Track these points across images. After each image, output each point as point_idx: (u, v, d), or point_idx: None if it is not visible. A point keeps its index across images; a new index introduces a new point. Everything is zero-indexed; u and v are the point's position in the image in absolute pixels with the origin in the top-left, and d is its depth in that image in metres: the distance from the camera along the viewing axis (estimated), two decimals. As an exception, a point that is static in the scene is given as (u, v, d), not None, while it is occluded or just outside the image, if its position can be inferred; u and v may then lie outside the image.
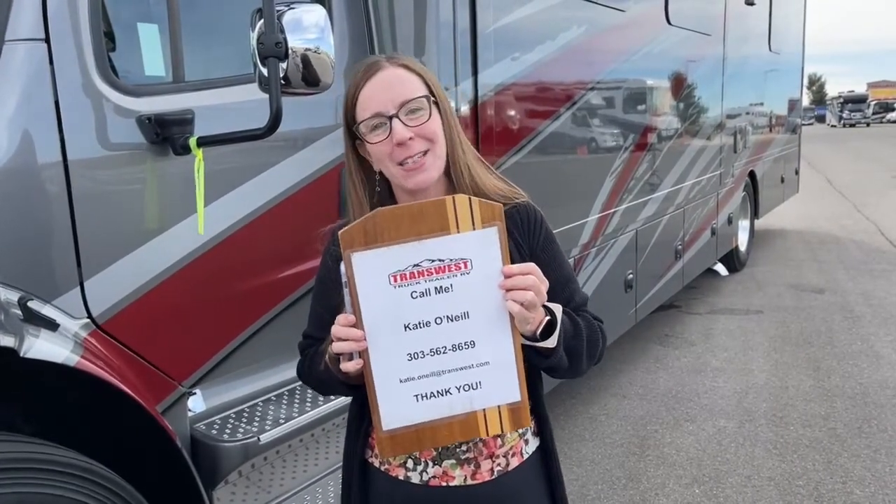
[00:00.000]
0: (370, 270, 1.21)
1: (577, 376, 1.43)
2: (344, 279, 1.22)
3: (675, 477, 3.57)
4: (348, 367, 1.24)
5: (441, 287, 1.22)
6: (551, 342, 1.27)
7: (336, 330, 1.23)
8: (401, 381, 1.24)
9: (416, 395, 1.25)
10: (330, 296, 1.35)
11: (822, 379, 4.77)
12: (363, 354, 1.23)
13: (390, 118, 1.31)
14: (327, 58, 1.87)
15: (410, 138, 1.31)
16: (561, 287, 1.38)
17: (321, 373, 1.40)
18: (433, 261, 1.21)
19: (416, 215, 1.21)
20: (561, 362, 1.32)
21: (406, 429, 1.26)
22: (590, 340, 1.38)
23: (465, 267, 1.22)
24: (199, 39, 2.17)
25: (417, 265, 1.21)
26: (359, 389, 1.34)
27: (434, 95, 1.36)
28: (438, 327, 1.23)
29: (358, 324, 1.22)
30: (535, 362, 1.32)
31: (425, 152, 1.33)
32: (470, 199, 1.22)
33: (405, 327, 1.23)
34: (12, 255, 1.70)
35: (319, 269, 1.47)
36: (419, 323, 1.23)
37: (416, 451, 1.36)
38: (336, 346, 1.24)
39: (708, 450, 3.84)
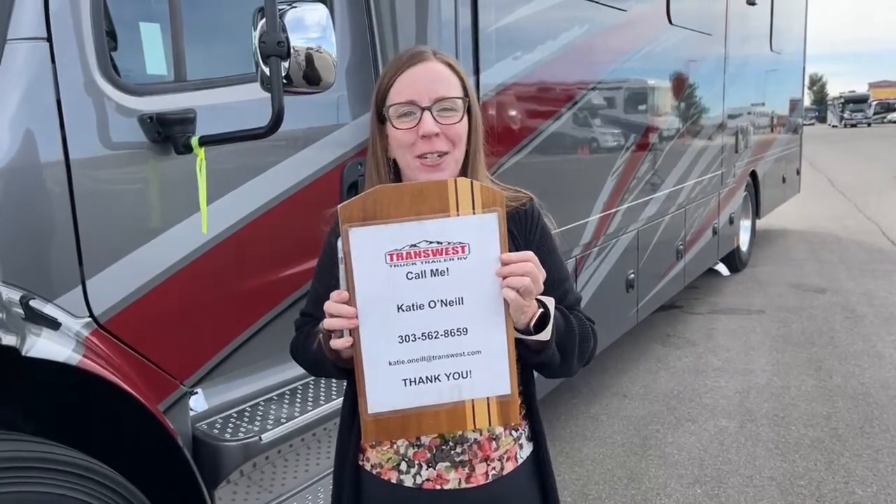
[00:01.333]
0: (367, 247, 1.19)
1: (568, 375, 1.41)
2: (340, 254, 1.21)
3: (677, 477, 3.57)
4: (337, 343, 1.23)
5: (437, 270, 1.21)
6: (544, 335, 1.27)
7: (328, 305, 1.22)
8: (390, 364, 1.22)
9: (405, 380, 1.23)
10: (330, 275, 1.35)
11: (824, 379, 4.77)
12: (354, 333, 1.21)
13: (422, 109, 1.32)
14: (329, 57, 1.87)
15: (436, 134, 1.32)
16: (555, 285, 1.37)
17: (314, 352, 1.38)
18: (431, 242, 1.20)
19: (417, 194, 1.21)
20: (553, 358, 1.31)
21: (392, 414, 1.24)
22: (582, 338, 1.37)
23: (463, 251, 1.21)
24: (201, 38, 2.16)
25: (415, 245, 1.20)
26: (349, 374, 1.33)
27: (468, 101, 1.37)
28: (432, 311, 1.22)
29: (351, 301, 1.20)
30: (527, 358, 1.31)
31: (445, 153, 1.34)
32: (472, 182, 1.22)
33: (398, 308, 1.21)
34: (14, 254, 1.70)
35: (323, 248, 1.47)
36: (413, 305, 1.21)
37: (400, 437, 1.35)
38: (327, 322, 1.23)
39: (710, 450, 3.84)
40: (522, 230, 1.41)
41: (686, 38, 5.31)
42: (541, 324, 1.27)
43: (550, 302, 1.29)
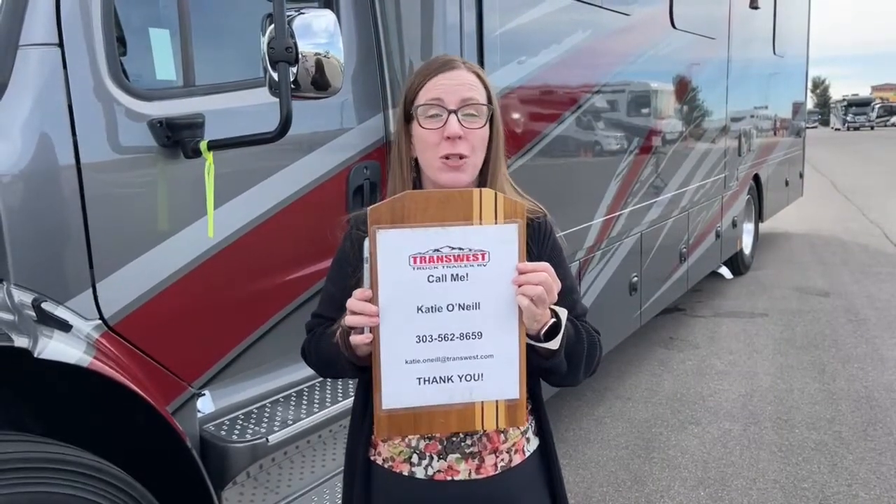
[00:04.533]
0: (393, 249, 1.24)
1: (573, 384, 1.46)
2: (366, 254, 1.25)
3: (681, 479, 3.57)
4: (357, 339, 1.27)
5: (457, 275, 1.25)
6: (554, 344, 1.31)
7: (351, 303, 1.26)
8: (406, 362, 1.27)
9: (419, 379, 1.27)
10: (345, 278, 1.39)
11: (828, 382, 4.77)
12: (374, 330, 1.25)
13: (449, 112, 1.38)
14: (337, 62, 1.89)
15: (460, 137, 1.37)
16: (563, 296, 1.40)
17: (328, 350, 1.41)
18: (453, 248, 1.25)
19: (443, 202, 1.25)
20: (560, 366, 1.36)
21: (405, 411, 1.28)
22: (589, 349, 1.43)
23: (483, 258, 1.26)
24: (210, 44, 2.19)
25: (438, 250, 1.24)
26: (362, 372, 1.36)
27: (492, 109, 1.43)
28: (450, 314, 1.26)
29: (374, 300, 1.24)
30: (535, 364, 1.35)
31: (466, 156, 1.39)
32: (496, 193, 1.26)
33: (418, 309, 1.25)
34: (26, 257, 1.73)
35: (337, 253, 1.50)
36: (432, 307, 1.26)
37: (411, 434, 1.39)
38: (349, 319, 1.27)
39: (713, 452, 3.85)
40: (536, 241, 1.46)
41: (689, 42, 5.32)
42: (552, 332, 1.31)
43: (563, 313, 1.33)
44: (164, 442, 1.89)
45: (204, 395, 2.20)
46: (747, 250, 8.00)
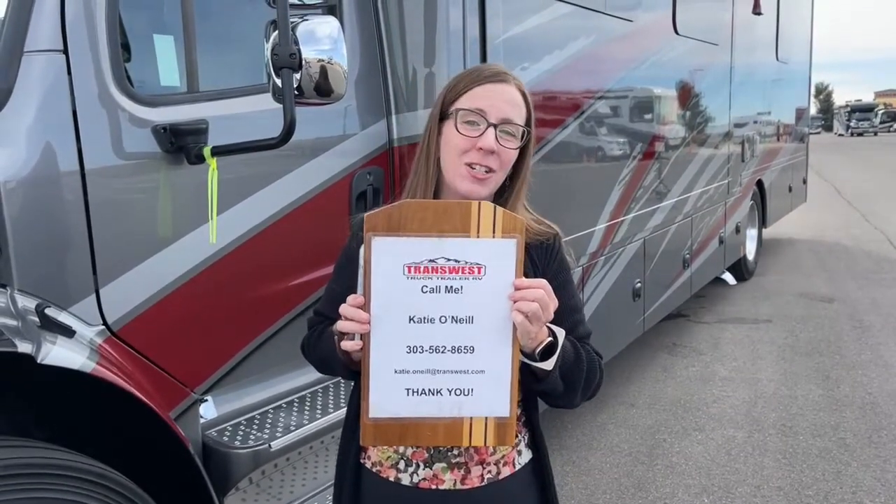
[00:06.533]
0: (387, 256, 1.22)
1: (570, 406, 1.44)
2: (361, 261, 1.24)
3: (684, 486, 3.56)
4: (348, 345, 1.26)
5: (452, 287, 1.23)
6: (549, 364, 1.29)
7: (344, 308, 1.25)
8: (395, 372, 1.25)
9: (408, 389, 1.25)
10: (349, 278, 1.38)
11: (832, 388, 4.75)
12: (364, 338, 1.24)
13: (489, 125, 1.37)
14: (340, 68, 1.90)
15: (492, 151, 1.36)
16: (566, 315, 1.39)
17: (326, 350, 1.42)
18: (449, 260, 1.23)
19: (440, 212, 1.23)
20: (556, 387, 1.33)
21: (391, 420, 1.27)
22: (588, 372, 1.40)
23: (479, 272, 1.24)
24: (214, 50, 2.19)
25: (433, 261, 1.23)
26: (357, 375, 1.35)
27: (529, 133, 1.43)
28: (442, 326, 1.24)
29: (366, 306, 1.23)
30: (530, 385, 1.33)
31: (492, 171, 1.39)
32: (495, 207, 1.24)
33: (410, 319, 1.24)
34: (30, 263, 1.73)
35: (343, 252, 1.50)
36: (424, 318, 1.24)
37: (397, 445, 1.38)
38: (340, 325, 1.26)
39: (717, 459, 3.83)
40: (542, 259, 1.44)
41: (692, 48, 5.33)
42: (548, 352, 1.29)
43: (561, 333, 1.31)
44: (167, 447, 1.89)
45: (206, 400, 2.20)
46: (751, 256, 7.99)
